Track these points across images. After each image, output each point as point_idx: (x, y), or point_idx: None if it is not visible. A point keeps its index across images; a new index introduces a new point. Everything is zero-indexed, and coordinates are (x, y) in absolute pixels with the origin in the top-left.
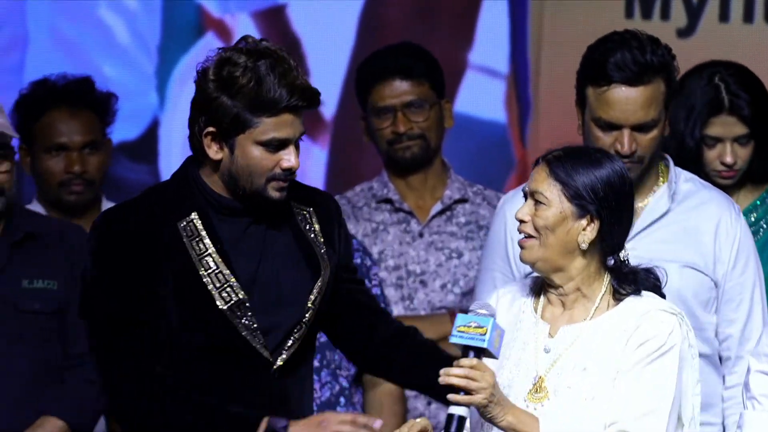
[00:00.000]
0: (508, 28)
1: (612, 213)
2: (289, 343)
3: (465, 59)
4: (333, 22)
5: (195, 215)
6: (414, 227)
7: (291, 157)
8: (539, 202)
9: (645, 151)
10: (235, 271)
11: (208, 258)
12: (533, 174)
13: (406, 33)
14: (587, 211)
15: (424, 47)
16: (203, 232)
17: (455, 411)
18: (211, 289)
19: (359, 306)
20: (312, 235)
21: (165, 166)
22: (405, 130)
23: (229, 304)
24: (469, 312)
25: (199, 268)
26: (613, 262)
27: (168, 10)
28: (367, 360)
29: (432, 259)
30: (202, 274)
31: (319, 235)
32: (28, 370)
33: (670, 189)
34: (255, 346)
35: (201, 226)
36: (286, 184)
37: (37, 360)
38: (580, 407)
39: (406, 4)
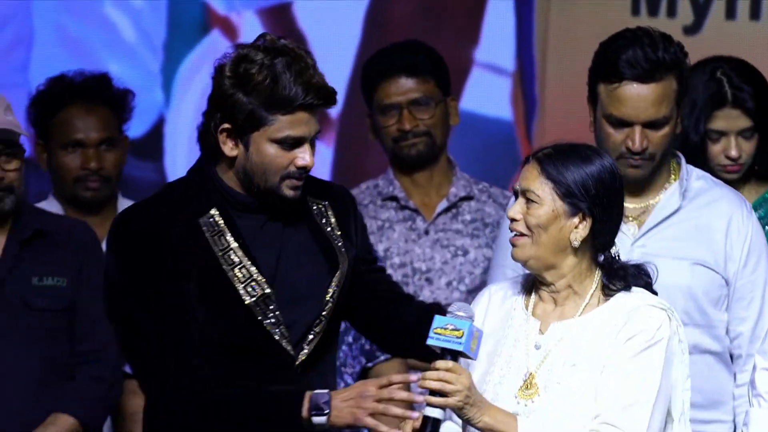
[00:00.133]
0: (514, 25)
1: (604, 210)
2: (310, 338)
3: (471, 57)
4: (339, 20)
5: (215, 211)
6: (419, 225)
7: (306, 155)
8: (531, 201)
9: (656, 148)
10: (258, 265)
11: (230, 253)
12: (524, 172)
13: (412, 30)
14: (579, 209)
15: (429, 45)
16: (225, 228)
17: (431, 413)
18: (235, 283)
19: (381, 294)
20: (328, 229)
21: (170, 163)
22: (410, 127)
23: (255, 299)
24: (447, 314)
25: (222, 263)
26: (603, 258)
27: (173, 8)
28: (395, 345)
29: (438, 257)
30: (225, 269)
31: (335, 228)
32: (39, 367)
33: (681, 186)
34: (279, 340)
35: (222, 221)
36: (301, 182)
37: (47, 357)
38: (570, 403)
39: (412, 1)
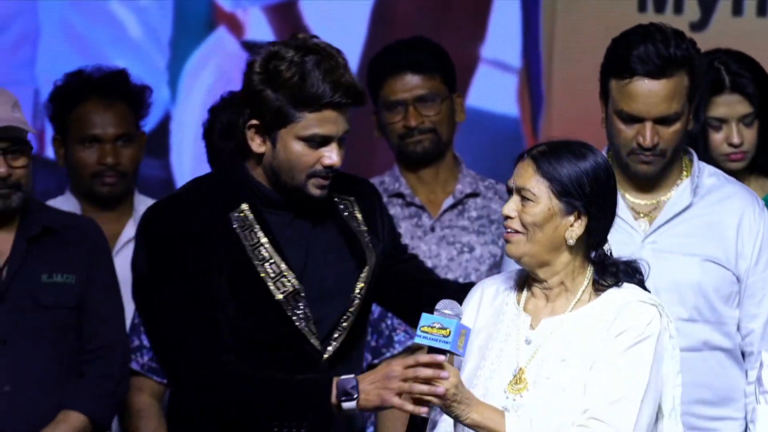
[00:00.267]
0: (520, 21)
1: (599, 208)
2: (337, 334)
3: (477, 53)
4: (345, 17)
5: (245, 206)
6: (425, 221)
7: (333, 154)
8: (527, 199)
9: (667, 144)
10: (287, 260)
11: (261, 248)
12: (518, 169)
13: (418, 27)
14: (575, 207)
15: (435, 41)
16: (255, 223)
17: (419, 410)
18: (266, 279)
19: (412, 284)
20: (355, 225)
21: (176, 160)
22: (416, 124)
23: (284, 295)
24: (435, 312)
25: (252, 258)
26: (594, 254)
27: (179, 5)
28: None
29: (443, 254)
30: (256, 264)
31: (362, 224)
32: (48, 364)
33: (692, 183)
34: (307, 336)
35: (252, 216)
36: (327, 181)
37: (56, 354)
38: (559, 398)
39: None
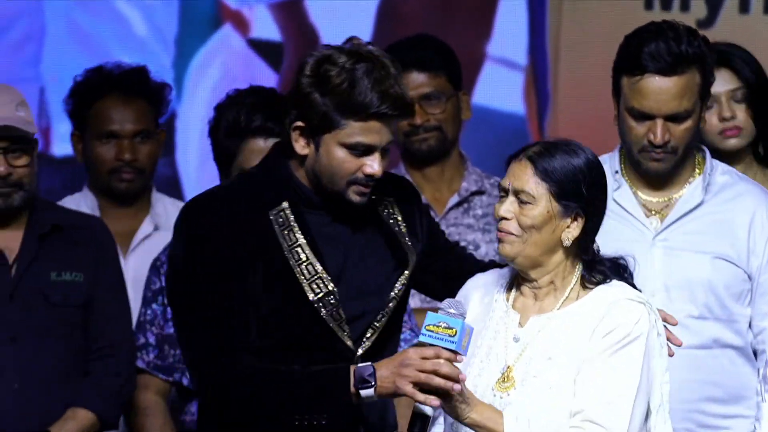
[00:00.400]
0: (526, 19)
1: (594, 209)
2: (369, 333)
3: (483, 51)
4: (350, 14)
5: (286, 204)
6: None
7: (375, 163)
8: (525, 201)
9: (678, 142)
10: (324, 262)
11: (298, 249)
12: (514, 171)
13: (424, 24)
14: (572, 209)
15: (441, 39)
16: (294, 223)
17: (419, 410)
18: (301, 280)
19: (452, 274)
20: (396, 225)
21: (182, 158)
22: (422, 122)
23: (319, 297)
24: (440, 311)
25: (289, 258)
26: (584, 252)
27: (185, 2)
28: None
29: None
30: (292, 264)
31: (402, 225)
32: (57, 362)
33: (704, 180)
34: (340, 336)
35: (292, 216)
36: (368, 189)
37: (65, 353)
38: (546, 396)
39: None
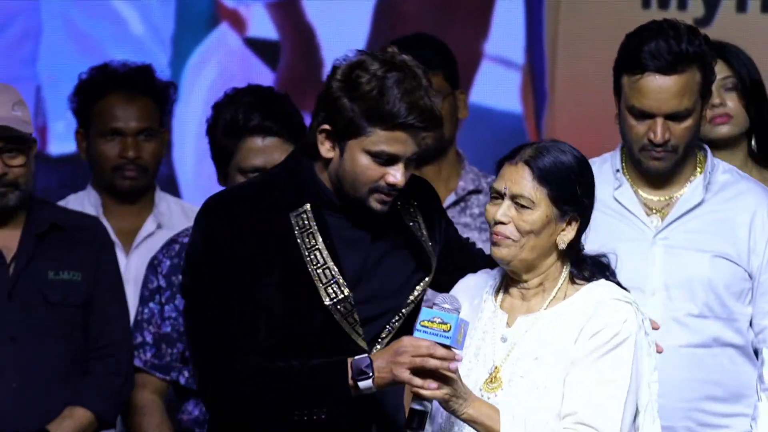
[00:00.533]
0: (524, 18)
1: (586, 210)
2: (384, 334)
3: (481, 50)
4: (347, 13)
5: (308, 206)
6: None
7: (398, 173)
8: (523, 206)
9: (679, 141)
10: (342, 267)
11: (316, 252)
12: (511, 175)
13: (421, 23)
14: (568, 212)
15: (438, 38)
16: (314, 226)
17: (417, 406)
18: (317, 283)
19: (464, 272)
20: (418, 230)
21: (178, 157)
22: None
23: (334, 301)
24: (434, 306)
25: (307, 262)
26: (571, 251)
27: (182, 1)
28: None
29: None
30: (309, 268)
31: (423, 228)
32: (57, 361)
33: (705, 179)
34: (354, 338)
35: (313, 218)
36: (389, 198)
37: (65, 352)
38: (533, 396)
39: None
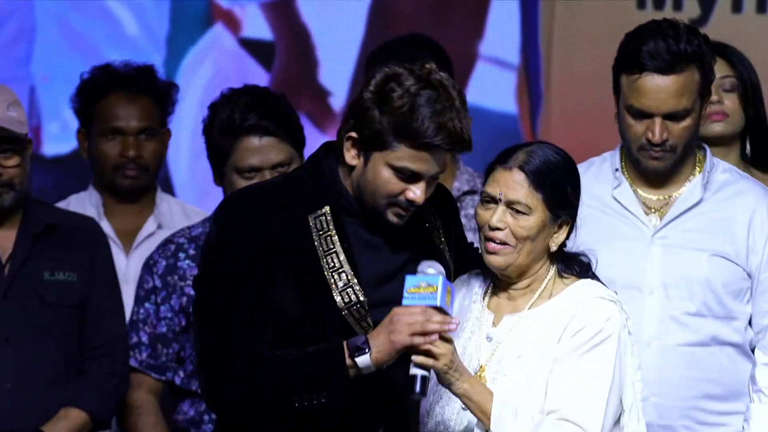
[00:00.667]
0: (519, 18)
1: (576, 212)
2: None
3: (476, 50)
4: (342, 14)
5: (327, 209)
6: None
7: (418, 191)
8: (519, 212)
9: (677, 140)
10: (358, 271)
11: (333, 255)
12: (506, 180)
13: (416, 24)
14: (561, 216)
15: (433, 38)
16: (332, 229)
17: (418, 372)
18: (332, 288)
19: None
20: (437, 237)
21: (173, 157)
22: None
23: (348, 306)
24: (418, 273)
25: (323, 265)
26: (557, 251)
27: (176, 1)
28: None
29: None
30: (325, 271)
31: (442, 235)
32: (52, 362)
33: (704, 178)
34: None
35: (332, 221)
36: (407, 213)
37: (60, 352)
38: (517, 396)
39: None
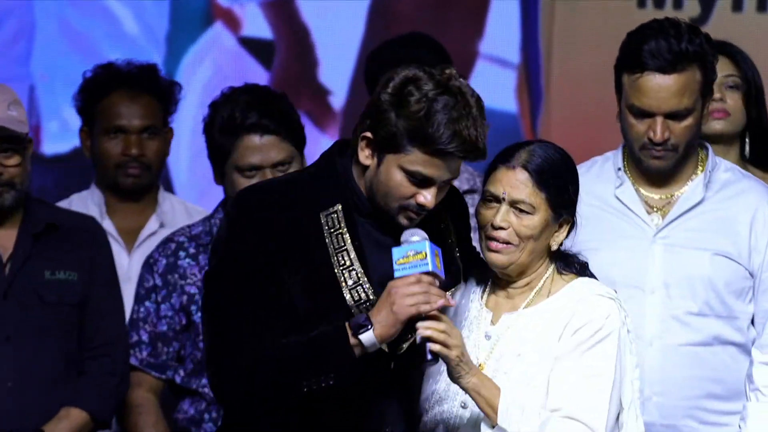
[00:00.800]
0: (519, 17)
1: (575, 209)
2: (408, 335)
3: (476, 49)
4: (342, 12)
5: (339, 207)
6: None
7: (429, 195)
8: (523, 211)
9: (679, 140)
10: (368, 270)
11: (344, 253)
12: (509, 180)
13: (417, 23)
14: (563, 215)
15: (433, 37)
16: (344, 227)
17: (426, 335)
18: (342, 286)
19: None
20: (448, 237)
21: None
22: None
23: (358, 304)
24: (403, 243)
25: (334, 262)
26: (556, 249)
27: (176, 0)
28: None
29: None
30: (336, 269)
31: (453, 236)
32: (52, 362)
33: (705, 178)
34: None
35: (343, 219)
36: (418, 217)
37: (60, 352)
38: (516, 393)
39: None
